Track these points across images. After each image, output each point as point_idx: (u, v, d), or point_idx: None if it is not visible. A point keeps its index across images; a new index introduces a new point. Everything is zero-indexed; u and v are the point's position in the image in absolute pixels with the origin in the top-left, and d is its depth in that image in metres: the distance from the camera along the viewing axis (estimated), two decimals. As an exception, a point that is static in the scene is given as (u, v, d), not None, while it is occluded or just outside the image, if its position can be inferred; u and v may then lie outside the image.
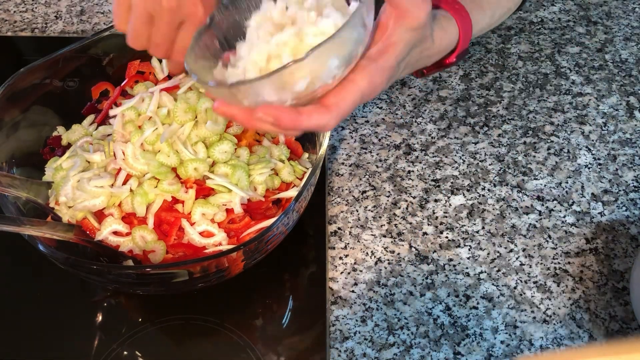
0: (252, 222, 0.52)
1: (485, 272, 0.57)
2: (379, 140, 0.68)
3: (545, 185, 0.64)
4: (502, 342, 0.52)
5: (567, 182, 0.64)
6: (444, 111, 0.71)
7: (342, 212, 0.61)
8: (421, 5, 0.43)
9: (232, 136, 0.55)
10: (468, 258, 0.58)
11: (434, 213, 0.61)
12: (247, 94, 0.40)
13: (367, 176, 0.64)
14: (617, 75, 0.75)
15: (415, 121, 0.70)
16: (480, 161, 0.66)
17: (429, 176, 0.64)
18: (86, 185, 0.51)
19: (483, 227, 0.60)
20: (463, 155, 0.66)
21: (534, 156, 0.66)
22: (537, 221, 0.61)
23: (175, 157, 0.52)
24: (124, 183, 0.52)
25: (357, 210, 0.61)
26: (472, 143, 0.68)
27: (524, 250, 0.58)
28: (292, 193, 0.55)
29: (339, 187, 0.63)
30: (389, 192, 0.63)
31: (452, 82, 0.74)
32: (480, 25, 0.57)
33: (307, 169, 0.57)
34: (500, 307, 0.55)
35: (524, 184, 0.64)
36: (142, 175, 0.52)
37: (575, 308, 0.55)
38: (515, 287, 0.56)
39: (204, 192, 0.52)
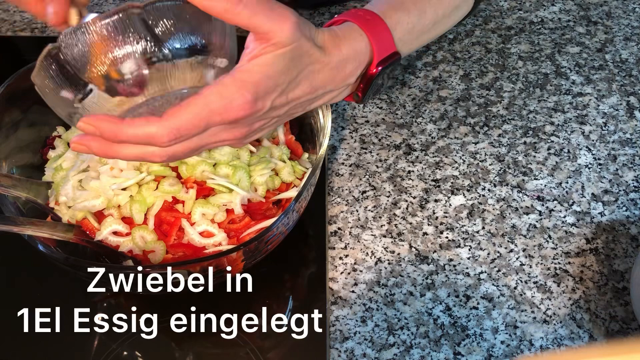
0: (252, 223, 0.52)
1: (485, 272, 0.57)
2: (379, 140, 0.68)
3: (545, 185, 0.64)
4: (502, 342, 0.52)
5: (567, 182, 0.64)
6: (444, 111, 0.71)
7: (342, 212, 0.61)
8: (281, 23, 0.39)
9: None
10: (468, 258, 0.58)
11: (434, 213, 0.61)
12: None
13: (367, 176, 0.64)
14: (617, 75, 0.75)
15: (415, 121, 0.70)
16: (480, 161, 0.66)
17: (429, 176, 0.64)
18: (87, 184, 0.51)
19: (483, 227, 0.60)
20: (463, 155, 0.66)
21: (534, 156, 0.66)
22: (537, 221, 0.61)
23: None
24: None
25: (357, 210, 0.61)
26: (472, 143, 0.68)
27: (524, 250, 0.58)
28: (292, 193, 0.55)
29: (339, 187, 0.63)
30: (389, 192, 0.63)
31: (452, 82, 0.74)
32: (407, 25, 0.51)
33: (307, 169, 0.57)
34: (500, 308, 0.55)
35: (524, 184, 0.64)
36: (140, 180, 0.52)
37: (576, 308, 0.55)
38: (515, 287, 0.56)
39: (204, 192, 0.52)
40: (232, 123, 0.41)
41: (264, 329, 0.53)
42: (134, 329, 0.53)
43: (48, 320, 0.53)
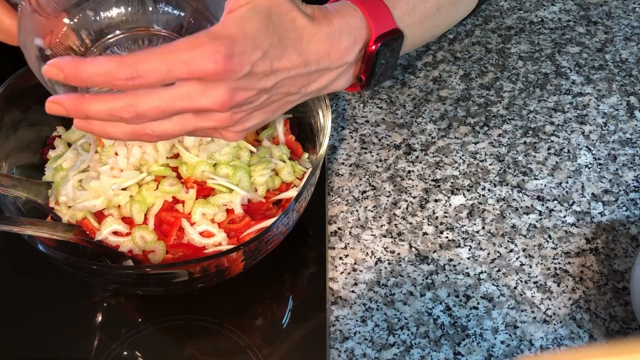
0: (252, 222, 0.52)
1: (485, 272, 0.57)
2: (379, 140, 0.68)
3: (545, 185, 0.64)
4: (502, 342, 0.52)
5: (567, 182, 0.64)
6: (444, 111, 0.71)
7: (342, 212, 0.61)
8: None
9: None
10: (468, 258, 0.58)
11: (434, 213, 0.61)
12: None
13: (367, 176, 0.64)
14: (617, 75, 0.75)
15: (415, 121, 0.70)
16: (480, 161, 0.66)
17: (429, 176, 0.64)
18: (87, 184, 0.51)
19: (483, 227, 0.60)
20: (463, 155, 0.66)
21: (534, 156, 0.66)
22: (537, 221, 0.61)
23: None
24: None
25: (357, 210, 0.61)
26: (472, 143, 0.68)
27: (524, 250, 0.58)
28: (292, 193, 0.55)
29: (339, 187, 0.63)
30: (389, 192, 0.63)
31: (452, 82, 0.74)
32: (407, 6, 0.49)
33: (307, 169, 0.57)
34: (500, 307, 0.55)
35: (524, 184, 0.64)
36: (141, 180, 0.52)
37: (576, 308, 0.55)
38: (515, 287, 0.56)
39: (204, 192, 0.52)
40: (205, 80, 0.38)
41: (264, 329, 0.53)
42: (133, 329, 0.53)
43: (48, 320, 0.53)
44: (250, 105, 0.42)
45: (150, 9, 0.43)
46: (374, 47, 0.46)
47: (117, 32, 0.43)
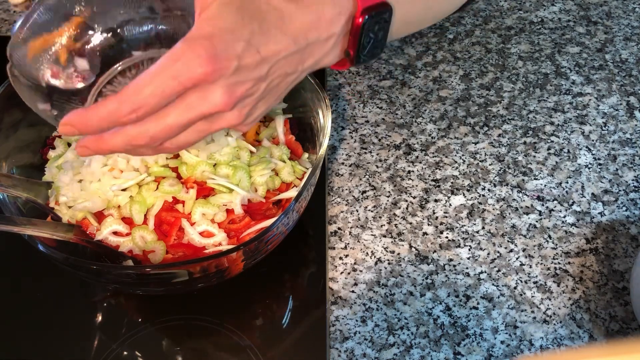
0: (252, 222, 0.52)
1: (485, 272, 0.57)
2: (379, 140, 0.68)
3: (545, 185, 0.64)
4: (502, 342, 0.52)
5: (567, 182, 0.64)
6: (444, 111, 0.71)
7: (342, 212, 0.61)
8: None
9: (232, 138, 0.54)
10: (468, 258, 0.58)
11: (434, 213, 0.61)
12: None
13: (367, 176, 0.64)
14: (617, 75, 0.75)
15: (415, 121, 0.70)
16: (480, 161, 0.66)
17: (429, 176, 0.64)
18: (88, 185, 0.51)
19: (483, 227, 0.60)
20: (463, 155, 0.66)
21: (534, 156, 0.66)
22: (537, 221, 0.61)
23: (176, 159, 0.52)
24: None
25: (357, 210, 0.61)
26: (472, 143, 0.68)
27: (524, 250, 0.58)
28: (292, 193, 0.55)
29: (339, 187, 0.63)
30: (389, 192, 0.63)
31: (452, 82, 0.74)
32: None
33: (307, 169, 0.57)
34: (500, 307, 0.55)
35: (524, 184, 0.64)
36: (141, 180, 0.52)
37: (576, 308, 0.55)
38: (515, 287, 0.56)
39: (204, 192, 0.52)
40: (199, 87, 0.38)
41: (264, 329, 0.53)
42: (133, 329, 0.53)
43: (48, 320, 0.53)
44: (252, 96, 0.42)
45: (123, 38, 0.43)
46: (360, 20, 0.45)
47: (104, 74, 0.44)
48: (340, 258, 0.58)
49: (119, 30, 0.44)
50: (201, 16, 0.39)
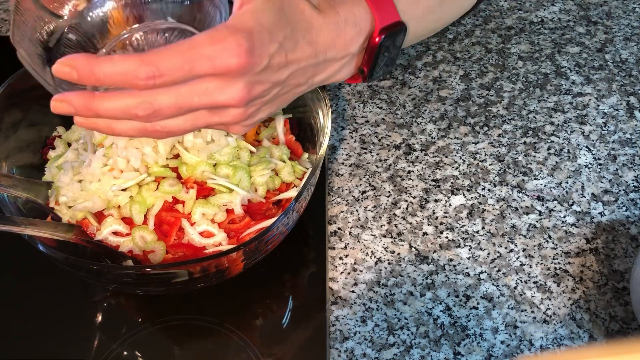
0: (252, 223, 0.52)
1: (485, 272, 0.57)
2: (379, 140, 0.68)
3: (545, 185, 0.64)
4: (502, 342, 0.52)
5: (567, 182, 0.64)
6: (444, 111, 0.71)
7: (342, 212, 0.61)
8: None
9: (232, 138, 0.55)
10: (468, 258, 0.58)
11: (434, 213, 0.61)
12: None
13: (367, 176, 0.64)
14: (617, 75, 0.75)
15: (415, 121, 0.70)
16: (480, 161, 0.66)
17: (429, 176, 0.64)
18: (88, 185, 0.51)
19: (483, 227, 0.60)
20: (463, 155, 0.66)
21: (534, 156, 0.66)
22: (537, 221, 0.61)
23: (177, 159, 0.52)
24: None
25: (357, 210, 0.61)
26: (472, 143, 0.68)
27: (524, 250, 0.58)
28: (292, 193, 0.55)
29: (339, 187, 0.63)
30: (389, 192, 0.63)
31: (452, 82, 0.74)
32: None
33: (307, 169, 0.57)
34: (500, 307, 0.55)
35: (524, 184, 0.64)
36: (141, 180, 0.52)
37: (576, 308, 0.55)
38: (515, 287, 0.56)
39: (204, 192, 0.52)
40: (225, 76, 0.37)
41: (264, 329, 0.53)
42: (133, 329, 0.53)
43: (48, 320, 0.53)
44: (263, 98, 0.42)
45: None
46: (377, 39, 0.45)
47: (127, 28, 0.42)
48: (340, 258, 0.58)
49: None
50: (245, 7, 0.38)
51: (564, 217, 0.61)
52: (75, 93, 0.37)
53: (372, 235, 0.59)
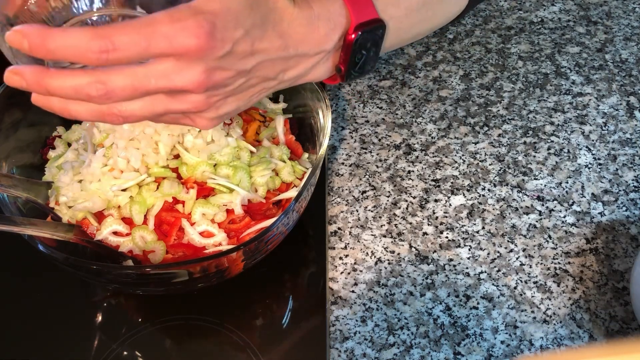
0: (252, 223, 0.52)
1: (485, 272, 0.57)
2: (379, 140, 0.68)
3: (545, 185, 0.64)
4: (502, 342, 0.52)
5: (567, 182, 0.64)
6: (444, 111, 0.71)
7: (342, 212, 0.61)
8: None
9: (232, 138, 0.55)
10: (468, 258, 0.58)
11: (434, 213, 0.61)
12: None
13: (367, 176, 0.64)
14: (617, 75, 0.75)
15: (415, 121, 0.70)
16: (480, 161, 0.66)
17: (429, 176, 0.64)
18: (88, 185, 0.51)
19: (483, 227, 0.60)
20: (463, 155, 0.66)
21: (534, 156, 0.66)
22: (537, 221, 0.61)
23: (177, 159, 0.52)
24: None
25: (357, 210, 0.61)
26: (472, 143, 0.68)
27: (524, 250, 0.58)
28: (292, 193, 0.55)
29: (339, 187, 0.63)
30: (389, 192, 0.63)
31: (452, 82, 0.74)
32: None
33: (307, 169, 0.57)
34: (500, 307, 0.55)
35: (524, 184, 0.64)
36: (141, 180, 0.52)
37: (576, 308, 0.55)
38: (515, 287, 0.56)
39: (204, 192, 0.52)
40: (184, 57, 0.36)
41: (264, 329, 0.53)
42: (133, 329, 0.53)
43: (48, 320, 0.53)
44: (226, 88, 0.40)
45: None
46: (353, 36, 0.44)
47: (95, 8, 0.41)
48: (340, 258, 0.58)
49: None
50: None
51: (564, 217, 0.61)
52: (29, 67, 0.36)
53: (372, 235, 0.59)
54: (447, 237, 0.59)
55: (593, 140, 0.68)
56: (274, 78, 0.43)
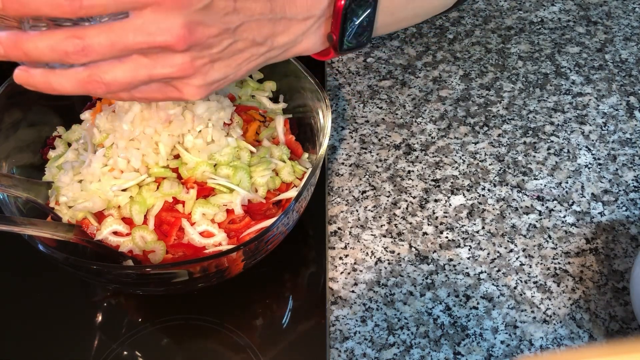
0: (252, 222, 0.52)
1: (485, 272, 0.57)
2: (379, 140, 0.68)
3: (545, 185, 0.64)
4: (502, 342, 0.52)
5: (567, 182, 0.64)
6: (444, 111, 0.71)
7: (342, 212, 0.61)
8: None
9: (232, 138, 0.55)
10: (468, 258, 0.58)
11: (434, 213, 0.61)
12: None
13: (367, 176, 0.64)
14: (617, 75, 0.75)
15: (415, 121, 0.70)
16: (480, 161, 0.66)
17: (429, 176, 0.64)
18: (88, 185, 0.51)
19: (483, 227, 0.60)
20: (463, 155, 0.66)
21: (534, 156, 0.66)
22: (537, 221, 0.61)
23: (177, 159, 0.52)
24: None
25: (357, 210, 0.61)
26: (472, 143, 0.68)
27: (524, 250, 0.58)
28: (292, 193, 0.55)
29: (339, 187, 0.63)
30: (389, 192, 0.63)
31: (452, 82, 0.74)
32: None
33: (307, 169, 0.57)
34: (500, 307, 0.55)
35: (524, 184, 0.64)
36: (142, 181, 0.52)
37: (576, 308, 0.55)
38: (515, 287, 0.56)
39: (204, 192, 0.52)
40: (161, 8, 0.35)
41: (264, 329, 0.53)
42: (133, 329, 0.53)
43: (48, 320, 0.53)
44: (211, 50, 0.39)
45: None
46: (342, 1, 0.43)
47: None
48: (340, 258, 0.58)
49: None
50: None
51: (564, 217, 0.61)
52: (4, 32, 0.35)
53: (372, 235, 0.59)
54: (447, 237, 0.59)
55: (593, 140, 0.68)
56: (262, 43, 0.42)
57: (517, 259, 0.58)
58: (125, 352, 0.51)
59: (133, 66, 0.37)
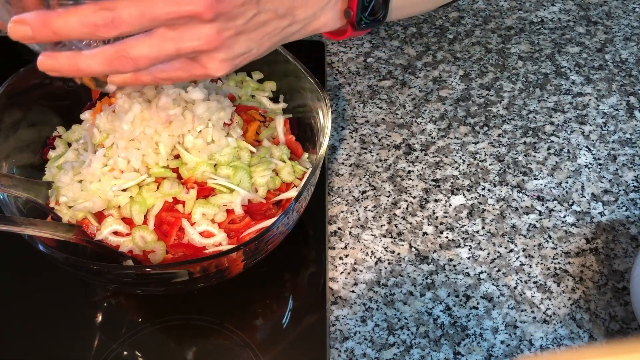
0: (252, 222, 0.52)
1: (485, 272, 0.57)
2: (379, 140, 0.68)
3: (545, 185, 0.64)
4: (502, 342, 0.52)
5: (567, 182, 0.64)
6: (444, 111, 0.71)
7: (342, 212, 0.61)
8: None
9: (232, 138, 0.55)
10: (468, 258, 0.58)
11: (434, 213, 0.61)
12: None
13: (367, 176, 0.64)
14: (617, 75, 0.75)
15: (415, 121, 0.70)
16: (480, 161, 0.66)
17: (429, 176, 0.64)
18: (88, 185, 0.51)
19: (483, 227, 0.60)
20: (463, 155, 0.66)
21: (534, 156, 0.66)
22: (537, 221, 0.61)
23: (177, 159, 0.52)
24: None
25: (357, 210, 0.61)
26: (472, 143, 0.68)
27: (524, 250, 0.58)
28: (292, 193, 0.55)
29: (339, 187, 0.63)
30: (389, 192, 0.63)
31: (452, 82, 0.74)
32: None
33: (307, 169, 0.57)
34: (500, 307, 0.55)
35: (524, 184, 0.64)
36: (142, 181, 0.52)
37: (576, 308, 0.55)
38: (515, 287, 0.56)
39: (204, 192, 0.52)
40: None
41: (264, 329, 0.53)
42: (133, 329, 0.53)
43: (48, 320, 0.53)
44: (236, 21, 0.39)
45: None
46: None
47: None
48: (340, 258, 0.58)
49: None
50: None
51: (564, 217, 0.61)
52: (31, 13, 0.35)
53: (372, 235, 0.59)
54: (447, 237, 0.59)
55: (593, 140, 0.68)
56: (284, 15, 0.42)
57: (517, 259, 0.58)
58: (125, 352, 0.51)
59: (160, 40, 0.37)
